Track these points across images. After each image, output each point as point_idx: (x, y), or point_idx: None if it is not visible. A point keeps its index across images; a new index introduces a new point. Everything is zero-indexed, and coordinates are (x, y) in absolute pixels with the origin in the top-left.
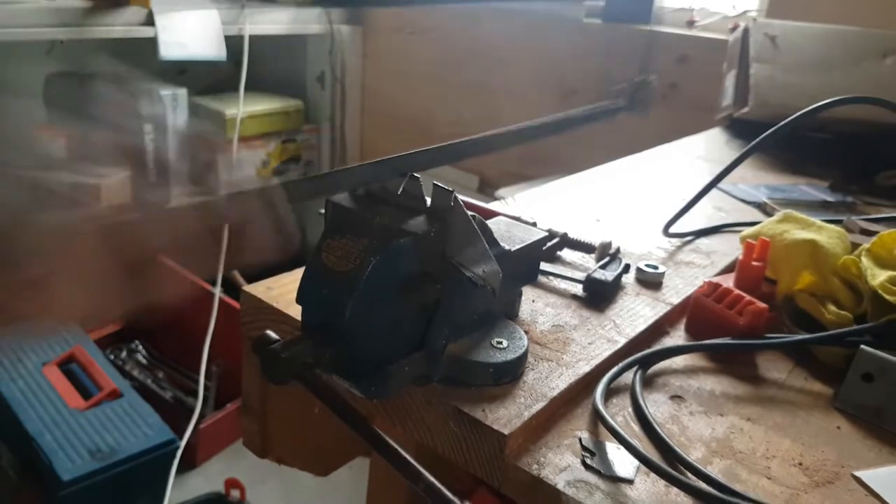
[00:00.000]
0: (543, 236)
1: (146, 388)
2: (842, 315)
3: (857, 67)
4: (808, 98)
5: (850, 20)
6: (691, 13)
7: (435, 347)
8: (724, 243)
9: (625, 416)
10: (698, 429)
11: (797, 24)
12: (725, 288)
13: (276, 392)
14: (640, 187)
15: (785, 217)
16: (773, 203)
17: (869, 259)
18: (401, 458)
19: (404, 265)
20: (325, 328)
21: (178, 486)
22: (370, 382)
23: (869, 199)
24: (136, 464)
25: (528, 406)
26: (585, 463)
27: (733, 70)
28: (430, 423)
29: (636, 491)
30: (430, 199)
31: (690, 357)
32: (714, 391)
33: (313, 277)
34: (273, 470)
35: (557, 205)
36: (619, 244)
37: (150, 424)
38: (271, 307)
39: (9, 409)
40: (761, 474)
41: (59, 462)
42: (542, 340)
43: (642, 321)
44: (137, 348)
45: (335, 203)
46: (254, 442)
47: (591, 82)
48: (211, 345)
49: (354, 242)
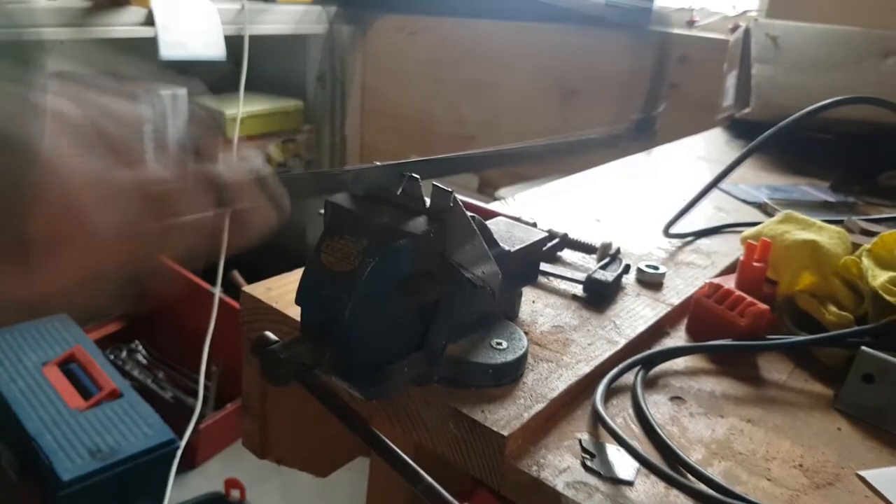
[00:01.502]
0: (543, 237)
1: (146, 388)
2: (842, 316)
3: (858, 68)
4: (809, 98)
5: (852, 20)
6: (691, 13)
7: (434, 348)
8: (724, 244)
9: (625, 418)
10: (698, 430)
11: (798, 25)
12: (727, 289)
13: (276, 392)
14: (640, 188)
15: (785, 217)
16: (774, 203)
17: (870, 260)
18: (400, 459)
19: (403, 266)
20: (325, 329)
21: (178, 486)
22: (369, 383)
23: (870, 200)
24: (136, 464)
25: (527, 407)
26: (585, 465)
27: (734, 70)
28: (430, 424)
29: (636, 493)
30: (430, 200)
31: (691, 358)
32: (714, 392)
33: (313, 278)
34: (273, 470)
35: (557, 205)
36: (620, 245)
37: (150, 424)
38: (271, 308)
39: (9, 409)
40: (761, 476)
41: (59, 462)
42: (541, 341)
43: (643, 322)
44: (137, 348)
45: (335, 203)
46: (254, 442)
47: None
48: (211, 345)
49: (354, 243)
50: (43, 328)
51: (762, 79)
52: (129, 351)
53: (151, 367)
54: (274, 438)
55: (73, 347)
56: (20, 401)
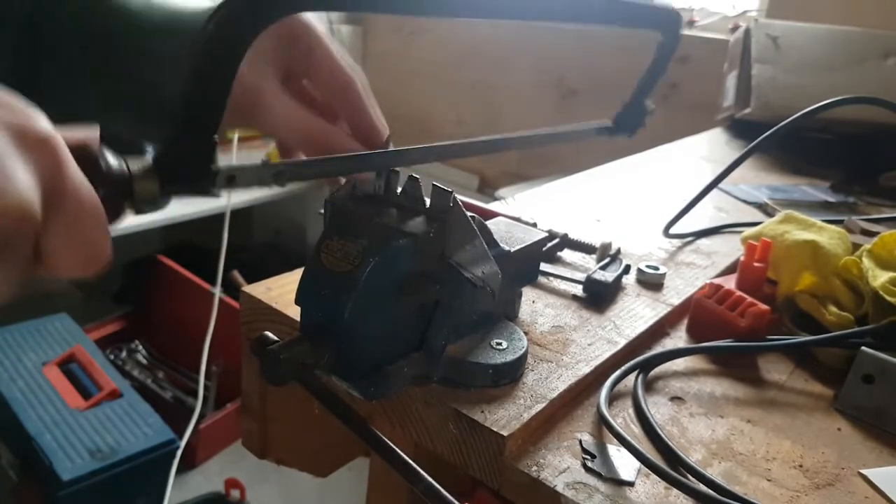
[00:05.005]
0: (543, 237)
1: (146, 388)
2: (843, 316)
3: (859, 68)
4: (810, 99)
5: (852, 20)
6: (691, 13)
7: (434, 348)
8: (724, 244)
9: (624, 418)
10: (698, 431)
11: (799, 25)
12: (727, 289)
13: (276, 392)
14: (640, 188)
15: (786, 218)
16: (775, 203)
17: (870, 260)
18: (400, 459)
19: (403, 266)
20: (324, 329)
21: (178, 486)
22: (369, 383)
23: (870, 200)
24: (136, 464)
25: (527, 407)
26: (586, 465)
27: (734, 70)
28: (430, 424)
29: (636, 493)
30: (430, 200)
31: (691, 358)
32: (714, 393)
33: (312, 278)
34: (273, 470)
35: (558, 205)
36: (620, 245)
37: (150, 424)
38: (270, 308)
39: (9, 409)
40: (761, 476)
41: (59, 462)
42: (541, 341)
43: (642, 322)
44: (137, 348)
45: (334, 203)
46: (253, 442)
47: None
48: (211, 345)
49: (353, 243)
50: (43, 328)
51: (762, 79)
52: (129, 351)
53: (151, 367)
54: (274, 438)
55: (73, 347)
56: (20, 401)
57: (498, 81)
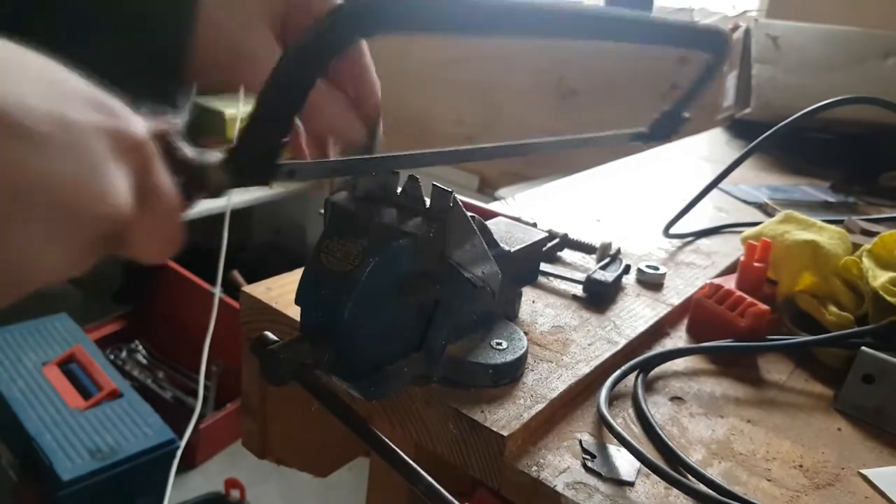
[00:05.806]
0: (543, 237)
1: (146, 388)
2: (843, 316)
3: (859, 68)
4: (810, 99)
5: (852, 20)
6: (691, 13)
7: (434, 348)
8: (724, 244)
9: (624, 418)
10: (698, 431)
11: (799, 25)
12: (727, 289)
13: (276, 392)
14: (640, 188)
15: (786, 218)
16: (775, 203)
17: (870, 260)
18: (400, 459)
19: (403, 266)
20: (324, 329)
21: (178, 486)
22: (369, 383)
23: (870, 200)
24: (136, 464)
25: (527, 407)
26: (586, 465)
27: (735, 70)
28: (430, 424)
29: (636, 493)
30: (430, 200)
31: (691, 358)
32: (714, 393)
33: (312, 278)
34: (273, 470)
35: (558, 205)
36: (620, 245)
37: (150, 424)
38: (270, 308)
39: (9, 409)
40: (761, 476)
41: (59, 462)
42: (541, 341)
43: (643, 322)
44: (137, 348)
45: (334, 203)
46: (253, 442)
47: (592, 83)
48: (211, 345)
49: (353, 243)
50: (43, 328)
51: (762, 79)
52: (129, 351)
53: (151, 367)
54: (274, 438)
55: (73, 347)
56: (20, 401)
57: (498, 81)
